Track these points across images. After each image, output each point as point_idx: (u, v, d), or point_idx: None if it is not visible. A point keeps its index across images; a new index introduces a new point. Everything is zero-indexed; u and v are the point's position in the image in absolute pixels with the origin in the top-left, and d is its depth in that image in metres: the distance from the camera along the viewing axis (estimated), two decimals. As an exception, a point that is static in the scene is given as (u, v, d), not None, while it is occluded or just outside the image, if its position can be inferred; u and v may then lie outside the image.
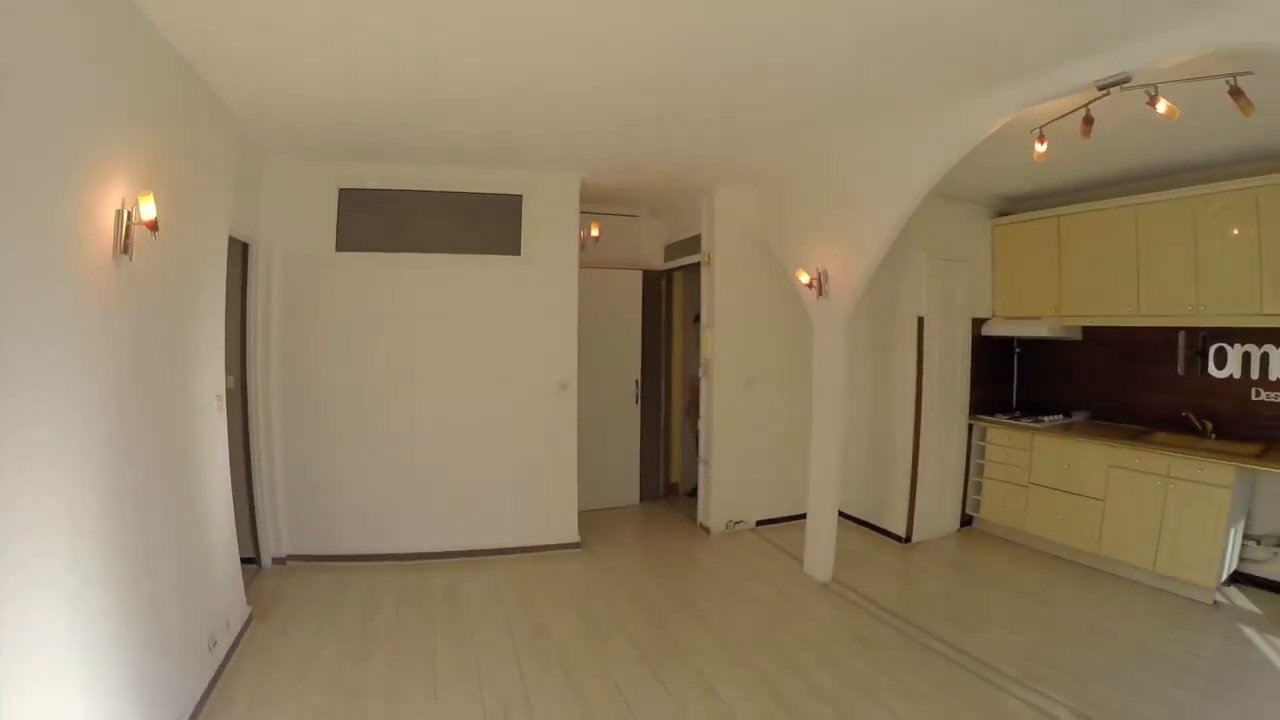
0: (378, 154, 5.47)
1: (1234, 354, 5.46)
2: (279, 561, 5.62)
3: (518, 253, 6.08)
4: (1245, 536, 5.29)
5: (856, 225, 5.24)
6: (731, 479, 6.84)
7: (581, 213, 6.26)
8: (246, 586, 4.61)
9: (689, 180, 6.43)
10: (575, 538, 6.27)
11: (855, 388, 6.54)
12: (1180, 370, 5.81)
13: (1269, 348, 5.26)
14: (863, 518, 6.93)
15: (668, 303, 7.99)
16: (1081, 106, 3.81)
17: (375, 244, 5.82)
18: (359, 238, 5.79)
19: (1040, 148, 4.19)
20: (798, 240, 5.90)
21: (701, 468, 7.00)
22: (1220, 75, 3.39)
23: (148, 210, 2.73)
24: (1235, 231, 5.08)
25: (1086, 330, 6.51)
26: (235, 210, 4.46)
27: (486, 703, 3.69)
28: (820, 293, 5.56)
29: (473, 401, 6.00)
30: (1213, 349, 5.58)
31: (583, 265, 6.30)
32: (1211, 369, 5.61)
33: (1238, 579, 5.33)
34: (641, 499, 7.71)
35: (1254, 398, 5.38)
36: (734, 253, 6.76)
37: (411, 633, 4.53)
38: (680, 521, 7.19)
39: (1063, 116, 4.00)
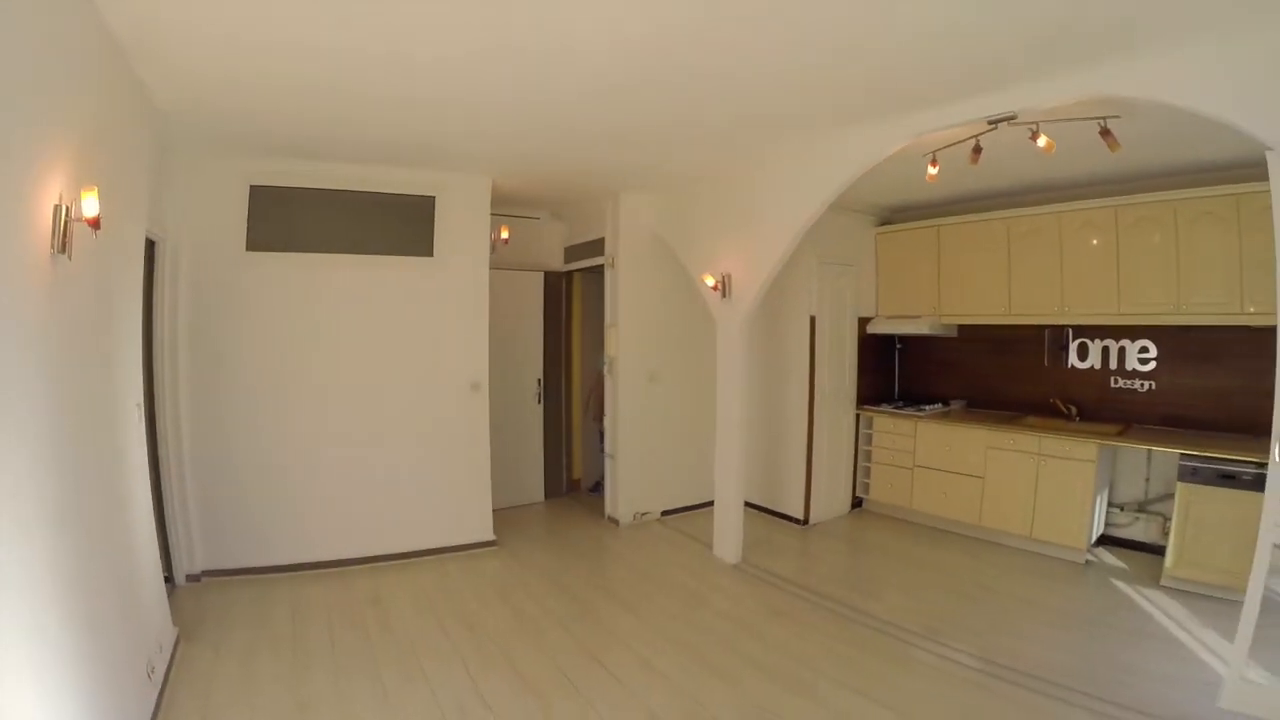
0: (293, 151, 5.31)
1: (1095, 348, 6.29)
2: (193, 578, 5.35)
3: (430, 254, 6.10)
4: (1110, 504, 6.14)
5: (762, 233, 5.65)
6: (637, 472, 7.12)
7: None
8: (166, 606, 4.38)
9: (596, 186, 6.64)
10: (491, 536, 6.36)
11: (754, 381, 6.96)
12: (1047, 363, 6.62)
13: (1125, 342, 6.09)
14: (763, 504, 7.38)
15: (567, 303, 8.19)
16: (972, 137, 4.36)
17: (288, 243, 5.67)
18: (271, 237, 5.61)
19: (933, 170, 4.78)
20: (704, 246, 6.28)
21: (608, 462, 7.27)
22: (1093, 118, 4.03)
23: (90, 206, 2.54)
24: (1095, 242, 5.84)
25: (962, 328, 7.23)
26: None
27: (441, 703, 3.74)
28: (724, 295, 5.97)
29: (387, 404, 5.96)
30: (1076, 344, 6.40)
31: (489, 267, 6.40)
32: (1075, 361, 6.43)
33: (1105, 541, 6.14)
34: (546, 496, 7.89)
35: (1113, 385, 6.22)
36: (637, 255, 7.06)
37: (348, 640, 4.49)
38: (588, 515, 7.44)
39: (955, 144, 4.53)
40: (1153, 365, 5.97)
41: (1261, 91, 3.10)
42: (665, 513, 7.32)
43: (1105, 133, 4.04)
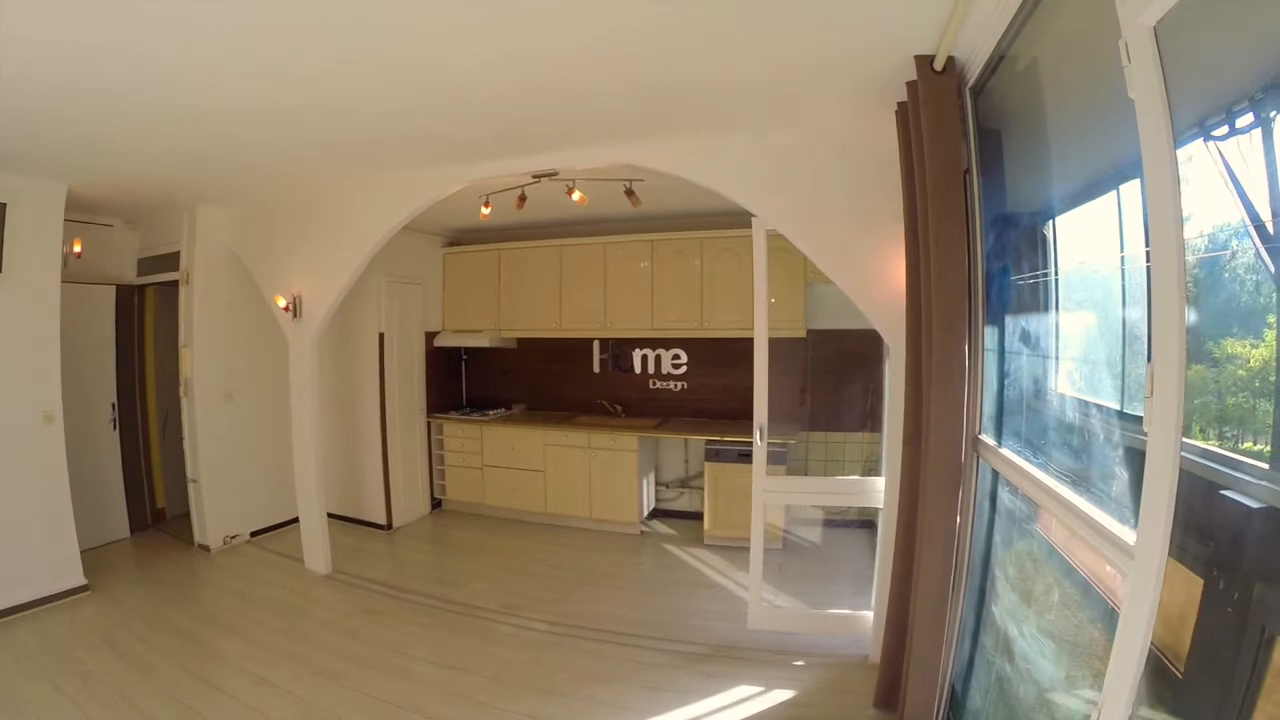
0: None
1: (636, 356, 7.59)
2: None
3: (-1, 270, 5.37)
4: (658, 483, 7.45)
5: (333, 256, 5.91)
6: (222, 495, 6.93)
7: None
8: None
9: (175, 196, 6.31)
10: (83, 580, 5.73)
11: (329, 397, 7.19)
12: (596, 369, 7.78)
13: (660, 351, 7.50)
14: (349, 514, 7.64)
15: (141, 320, 7.61)
16: (519, 186, 5.22)
17: None
18: None
19: (485, 210, 5.62)
20: (278, 266, 6.34)
21: (191, 488, 6.98)
22: (621, 179, 5.09)
23: None
24: (644, 265, 7.08)
25: (521, 340, 8.12)
26: None
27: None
28: (295, 315, 6.12)
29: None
30: (620, 353, 7.62)
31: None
32: (619, 367, 7.66)
33: (658, 514, 7.48)
34: (132, 530, 7.34)
35: (651, 387, 7.59)
36: (214, 271, 6.81)
37: (-42, 718, 4.01)
38: (178, 546, 7.08)
39: (505, 190, 5.33)
40: (685, 369, 7.43)
41: (745, 175, 4.45)
42: (255, 533, 7.23)
43: (629, 193, 5.15)
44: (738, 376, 6.93)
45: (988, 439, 3.14)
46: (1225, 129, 1.80)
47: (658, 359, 7.50)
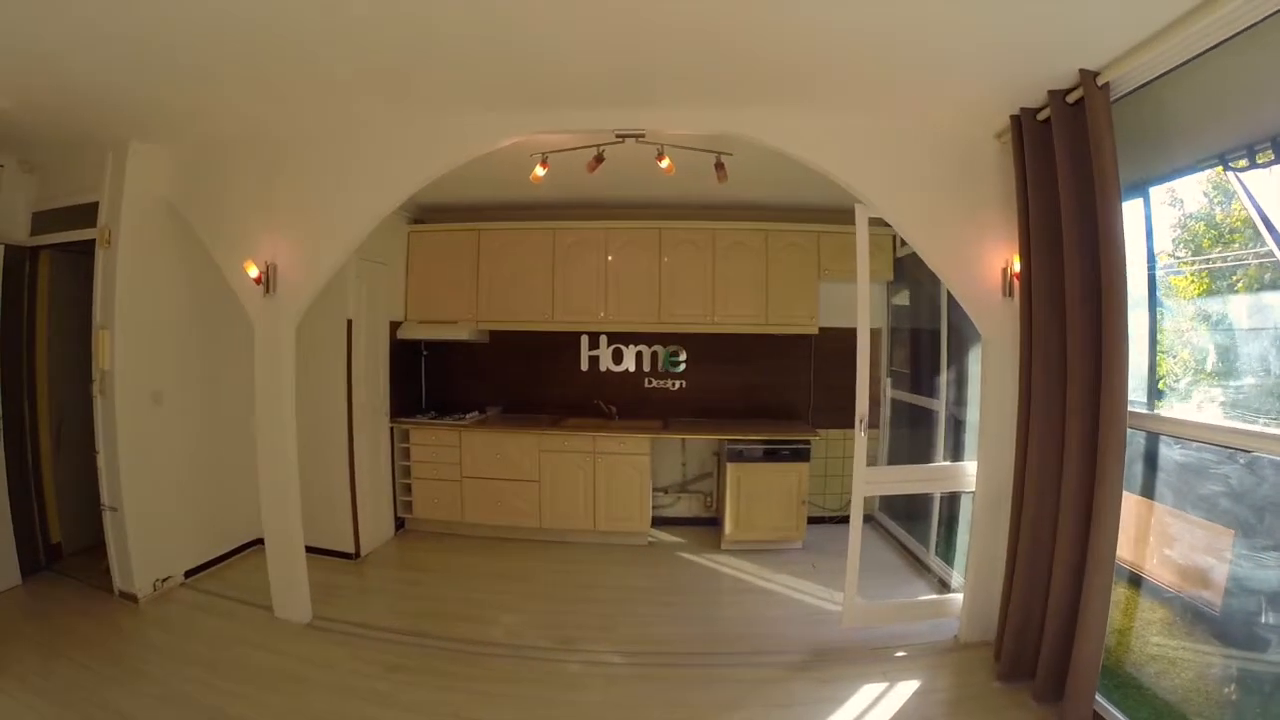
0: None
1: (629, 353, 7.16)
2: None
3: None
4: (654, 489, 6.95)
5: (330, 214, 4.77)
6: (150, 526, 5.42)
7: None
8: None
9: (100, 123, 4.64)
10: None
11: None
12: (585, 366, 7.24)
13: (657, 347, 7.11)
14: (307, 542, 5.70)
15: (32, 294, 5.86)
16: (594, 145, 4.57)
17: None
18: None
19: (540, 171, 4.82)
20: (243, 225, 4.93)
21: (108, 518, 5.37)
22: (712, 150, 4.65)
23: None
24: (651, 253, 6.74)
25: (494, 334, 7.36)
26: None
27: None
28: (269, 290, 4.82)
29: None
30: (611, 349, 7.17)
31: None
32: (611, 365, 7.20)
33: (655, 522, 6.89)
34: (24, 574, 5.55)
35: (647, 385, 7.19)
36: (145, 230, 5.19)
37: None
38: (88, 593, 5.27)
39: (572, 149, 4.69)
40: (684, 367, 7.07)
41: (855, 157, 4.36)
42: (189, 573, 5.68)
43: (719, 166, 4.70)
44: (745, 374, 6.95)
45: (1138, 409, 3.54)
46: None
47: (654, 356, 7.13)
